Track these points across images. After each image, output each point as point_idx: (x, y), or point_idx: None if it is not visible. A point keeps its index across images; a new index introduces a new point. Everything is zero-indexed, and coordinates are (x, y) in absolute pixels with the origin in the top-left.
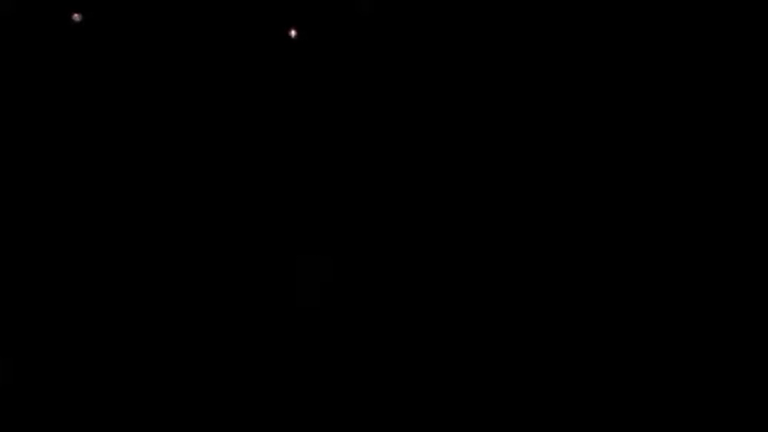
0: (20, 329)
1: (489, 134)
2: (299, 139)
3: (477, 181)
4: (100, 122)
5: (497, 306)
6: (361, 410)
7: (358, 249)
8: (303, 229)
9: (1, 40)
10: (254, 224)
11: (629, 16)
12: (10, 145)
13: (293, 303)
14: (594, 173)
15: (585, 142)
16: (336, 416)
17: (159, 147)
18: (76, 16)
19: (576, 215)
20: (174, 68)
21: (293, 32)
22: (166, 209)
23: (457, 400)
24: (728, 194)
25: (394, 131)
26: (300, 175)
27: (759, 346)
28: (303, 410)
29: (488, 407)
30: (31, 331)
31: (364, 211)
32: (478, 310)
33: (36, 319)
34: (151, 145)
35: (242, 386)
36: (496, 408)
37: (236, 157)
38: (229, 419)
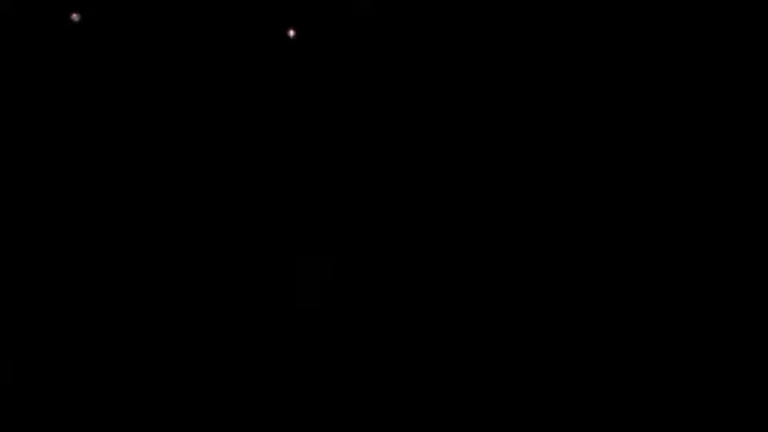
0: (20, 330)
1: (489, 134)
2: (298, 140)
3: (477, 181)
4: (100, 122)
5: (497, 306)
6: (361, 410)
7: (358, 249)
8: (303, 229)
9: (1, 40)
10: (255, 224)
11: (629, 16)
12: (10, 145)
13: (293, 303)
14: (594, 173)
15: (585, 142)
16: (336, 416)
17: (159, 147)
18: (75, 16)
19: (576, 215)
20: (174, 68)
21: (292, 32)
22: (167, 209)
23: (457, 400)
24: (728, 194)
25: (394, 131)
26: (300, 176)
27: (759, 346)
28: (303, 410)
29: (488, 407)
30: (31, 331)
31: (364, 212)
32: (478, 310)
33: (36, 319)
34: (151, 145)
35: (242, 386)
36: (496, 408)
37: (236, 157)
38: (229, 419)
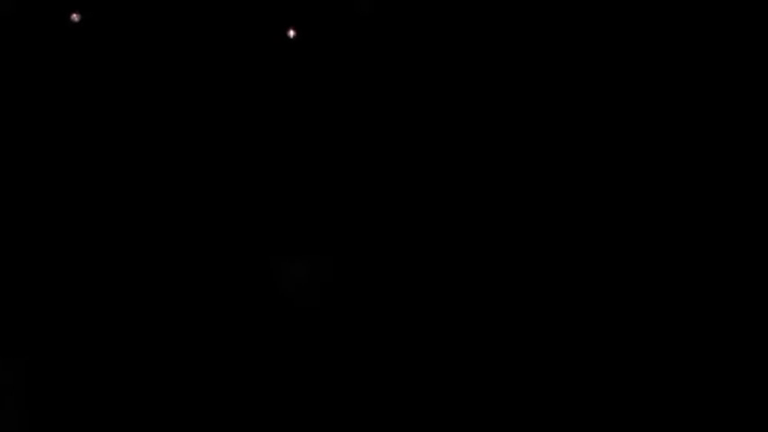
0: (20, 329)
1: (488, 134)
2: (298, 139)
3: (477, 180)
4: (99, 122)
5: (497, 306)
6: (362, 410)
7: (358, 249)
8: (305, 228)
9: (1, 40)
10: (255, 224)
11: (629, 16)
12: (10, 145)
13: (293, 303)
14: (594, 173)
15: (585, 142)
16: (337, 416)
17: (159, 146)
18: (75, 16)
19: (576, 215)
20: (174, 68)
21: (292, 32)
22: (167, 208)
23: (457, 400)
24: (728, 194)
25: (393, 131)
26: (300, 175)
27: (759, 346)
28: (302, 410)
29: (488, 407)
30: (32, 331)
31: (364, 211)
32: (478, 310)
33: (36, 318)
34: (151, 144)
35: (241, 386)
36: (496, 408)
37: (236, 157)
38: (229, 419)
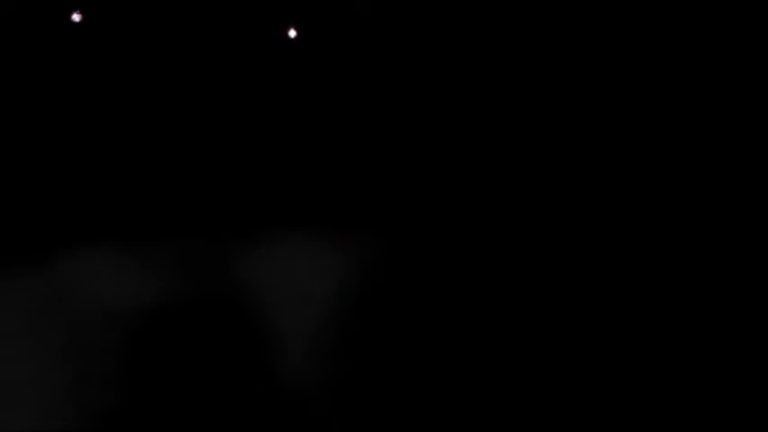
0: (21, 328)
1: (488, 134)
2: (298, 140)
3: (477, 181)
4: (100, 122)
5: (497, 306)
6: (363, 410)
7: (358, 248)
8: (303, 228)
9: (1, 40)
10: (253, 223)
11: (629, 16)
12: (10, 144)
13: (293, 302)
14: (594, 173)
15: (585, 142)
16: (337, 416)
17: (159, 146)
18: (75, 16)
19: (576, 215)
20: (174, 68)
21: (292, 32)
22: (166, 209)
23: (457, 401)
24: (728, 194)
25: (393, 132)
26: (300, 176)
27: (759, 346)
28: (302, 411)
29: (489, 407)
30: (33, 330)
31: (363, 212)
32: (478, 310)
33: (36, 315)
34: (151, 145)
35: (241, 385)
36: (497, 408)
37: (236, 157)
38: (227, 419)
